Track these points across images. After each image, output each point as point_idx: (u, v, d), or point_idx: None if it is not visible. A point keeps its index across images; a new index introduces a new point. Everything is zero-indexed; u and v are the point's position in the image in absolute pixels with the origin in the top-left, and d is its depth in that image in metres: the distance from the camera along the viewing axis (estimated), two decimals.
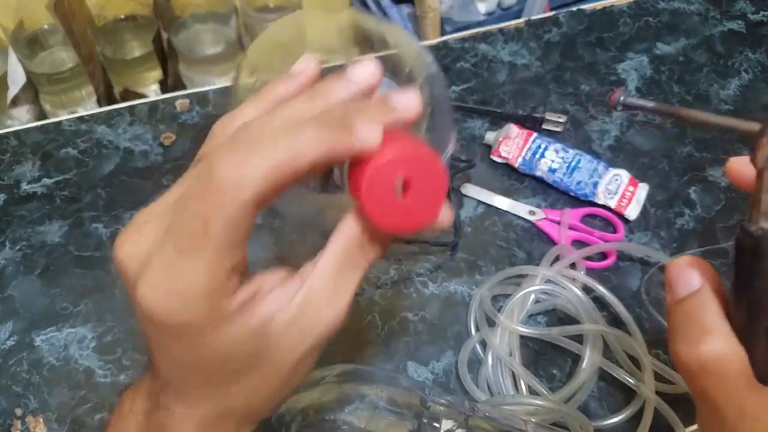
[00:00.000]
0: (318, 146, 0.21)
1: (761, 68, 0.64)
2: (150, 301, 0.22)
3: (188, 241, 0.21)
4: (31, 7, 0.62)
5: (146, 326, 0.23)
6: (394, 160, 0.22)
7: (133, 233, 0.23)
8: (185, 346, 0.23)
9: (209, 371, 0.24)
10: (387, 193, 0.23)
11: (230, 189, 0.20)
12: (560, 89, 0.62)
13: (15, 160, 0.57)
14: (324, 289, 0.24)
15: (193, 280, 0.21)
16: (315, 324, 0.24)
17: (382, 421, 0.36)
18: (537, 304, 0.47)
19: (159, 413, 0.25)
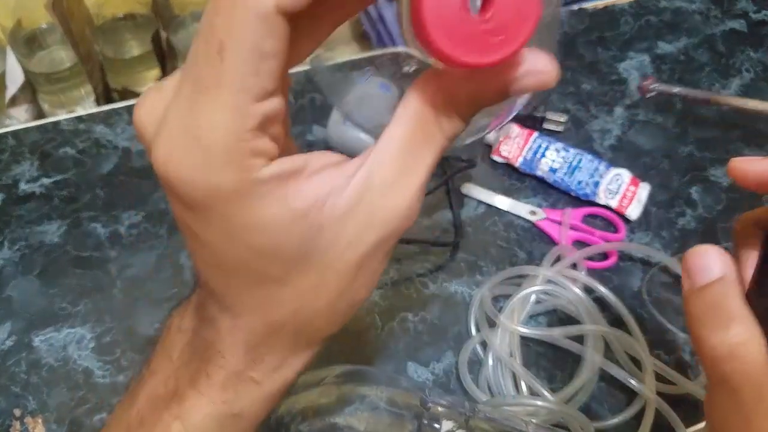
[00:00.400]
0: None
1: (762, 67, 0.64)
2: (167, 163, 0.18)
3: (205, 72, 0.17)
4: (30, 6, 0.61)
5: (173, 204, 0.19)
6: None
7: (153, 91, 0.19)
8: (215, 228, 0.18)
9: (247, 265, 0.19)
10: (458, 7, 0.17)
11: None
12: (561, 88, 0.62)
13: (13, 159, 0.57)
14: (390, 169, 0.19)
15: (214, 123, 0.17)
16: (379, 212, 0.19)
17: (382, 421, 0.36)
18: (538, 305, 0.47)
19: (204, 328, 0.22)
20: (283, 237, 0.19)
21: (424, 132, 0.19)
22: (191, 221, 0.19)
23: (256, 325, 0.21)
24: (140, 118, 0.19)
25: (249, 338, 0.21)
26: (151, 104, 0.19)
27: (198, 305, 0.23)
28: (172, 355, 0.23)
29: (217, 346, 0.21)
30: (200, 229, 0.19)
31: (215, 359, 0.21)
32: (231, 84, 0.16)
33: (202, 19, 0.17)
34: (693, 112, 0.61)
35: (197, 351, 0.22)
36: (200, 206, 0.18)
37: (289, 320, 0.21)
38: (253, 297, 0.20)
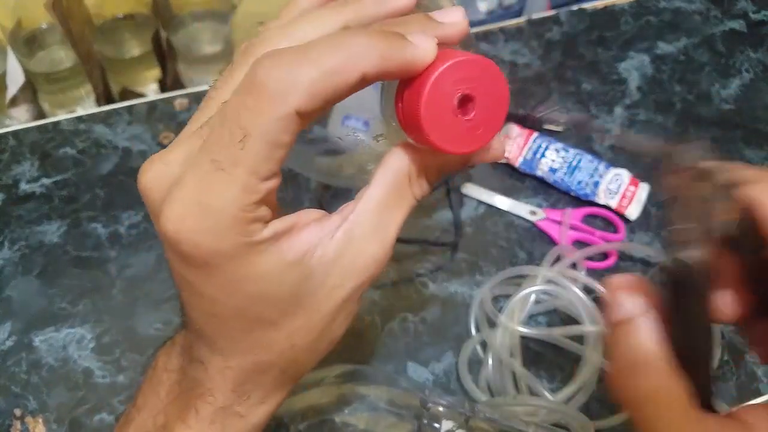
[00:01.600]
0: (371, 55, 0.19)
1: (762, 67, 0.64)
2: (177, 224, 0.20)
3: (225, 152, 0.19)
4: (30, 6, 0.61)
5: (174, 262, 0.21)
6: (455, 66, 0.20)
7: (159, 158, 0.22)
8: (216, 281, 0.21)
9: (244, 313, 0.22)
10: (447, 107, 0.20)
11: (276, 94, 0.19)
12: (561, 88, 0.62)
13: (13, 159, 0.57)
14: (368, 224, 0.22)
15: (226, 198, 0.19)
16: (358, 261, 0.22)
17: (382, 422, 0.36)
18: (538, 305, 0.47)
19: (192, 368, 0.24)
20: (277, 285, 0.21)
21: (399, 194, 0.23)
22: (193, 276, 0.21)
23: (245, 365, 0.23)
24: (146, 185, 0.22)
25: (238, 377, 0.23)
26: (157, 174, 0.21)
27: (185, 346, 0.25)
28: (160, 392, 0.25)
29: (206, 384, 0.23)
30: (201, 284, 0.21)
31: (204, 396, 0.23)
32: (246, 167, 0.19)
33: (229, 105, 0.20)
34: (693, 112, 0.61)
35: (186, 389, 0.24)
36: (204, 264, 0.21)
37: (276, 359, 0.23)
38: (246, 340, 0.22)
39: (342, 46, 0.19)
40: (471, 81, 0.21)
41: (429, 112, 0.20)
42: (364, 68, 0.19)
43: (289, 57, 0.19)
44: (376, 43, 0.20)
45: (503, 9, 1.11)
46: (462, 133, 0.21)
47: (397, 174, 0.23)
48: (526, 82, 0.63)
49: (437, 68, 0.20)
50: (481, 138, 0.22)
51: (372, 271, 0.23)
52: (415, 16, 0.22)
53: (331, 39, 0.20)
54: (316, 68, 0.19)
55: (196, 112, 0.23)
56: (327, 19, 0.22)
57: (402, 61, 0.20)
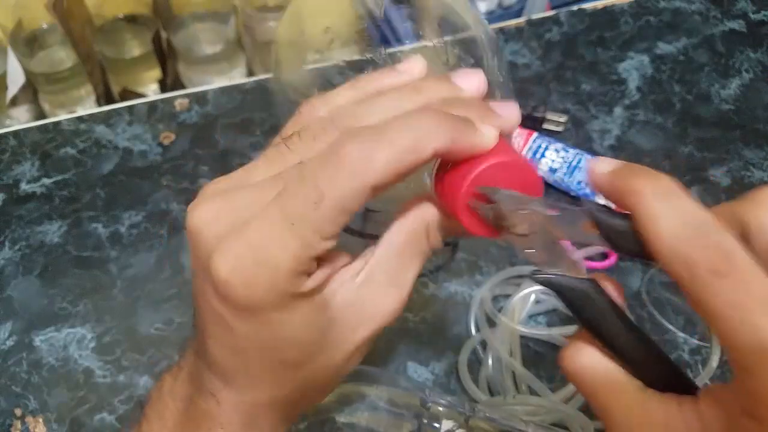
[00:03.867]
0: (442, 136, 0.21)
1: (762, 68, 0.64)
2: (232, 270, 0.21)
3: (298, 209, 0.20)
4: (30, 6, 0.62)
5: (213, 299, 0.22)
6: (501, 164, 0.22)
7: (218, 198, 0.22)
8: (254, 324, 0.22)
9: (271, 353, 0.22)
10: (482, 199, 0.23)
11: (356, 168, 0.20)
12: (561, 88, 0.62)
13: (14, 159, 0.57)
14: (387, 271, 0.24)
15: (288, 251, 0.20)
16: (376, 306, 0.24)
17: (381, 421, 0.36)
18: (537, 305, 0.47)
19: (202, 399, 0.24)
20: (307, 329, 0.22)
21: (416, 245, 0.24)
22: (231, 317, 0.22)
23: (260, 401, 0.24)
24: (198, 223, 0.22)
25: (250, 411, 0.24)
26: (213, 212, 0.22)
27: (194, 374, 0.25)
28: (167, 420, 0.25)
29: (216, 417, 0.24)
30: (237, 324, 0.22)
31: (214, 429, 0.24)
32: (314, 226, 0.21)
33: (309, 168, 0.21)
34: (693, 112, 0.61)
35: (193, 418, 0.24)
36: (248, 309, 0.21)
37: (291, 397, 0.24)
38: (266, 379, 0.23)
39: (416, 128, 0.21)
40: (510, 179, 0.23)
41: (466, 200, 0.22)
42: (435, 148, 0.21)
43: (369, 136, 0.21)
44: (448, 125, 0.21)
45: (503, 9, 1.12)
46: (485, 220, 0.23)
47: (417, 226, 0.24)
48: (525, 83, 0.63)
49: (486, 161, 0.22)
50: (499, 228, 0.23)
51: (388, 318, 0.24)
52: (478, 104, 0.24)
53: (407, 119, 0.21)
54: (392, 149, 0.21)
55: (262, 160, 0.23)
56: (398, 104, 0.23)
57: (468, 145, 0.22)
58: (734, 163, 0.57)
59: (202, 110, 0.60)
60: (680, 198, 0.20)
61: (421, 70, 0.25)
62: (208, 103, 0.61)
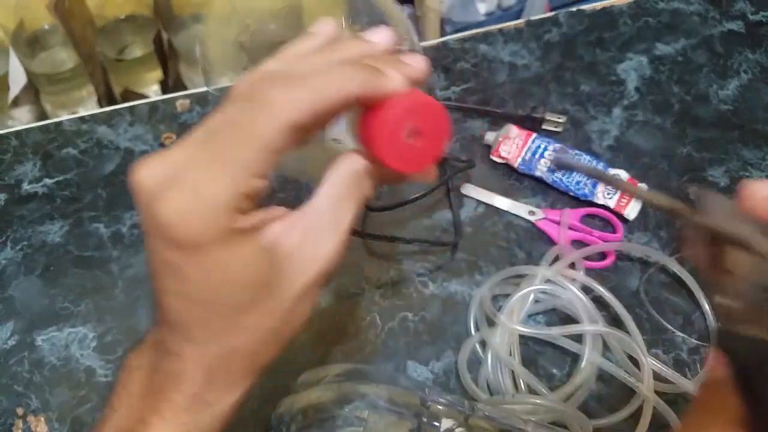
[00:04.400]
0: (357, 83, 0.24)
1: (760, 68, 0.65)
2: (173, 208, 0.22)
3: (226, 148, 0.23)
4: (32, 7, 0.62)
5: (160, 247, 0.23)
6: (410, 104, 0.25)
7: (156, 157, 0.24)
8: (201, 263, 0.23)
9: (220, 297, 0.24)
10: (399, 135, 0.25)
11: (278, 108, 0.23)
12: (560, 89, 0.62)
13: (16, 160, 0.57)
14: (324, 216, 0.26)
15: (220, 186, 0.22)
16: (316, 252, 0.25)
17: (381, 420, 0.36)
18: (537, 304, 0.47)
19: (166, 360, 0.25)
20: (251, 270, 0.24)
21: (348, 192, 0.26)
22: (179, 258, 0.23)
23: (218, 351, 0.25)
24: (142, 176, 0.24)
25: (210, 363, 0.25)
26: (155, 167, 0.24)
27: (156, 342, 0.26)
28: (132, 390, 0.26)
29: (180, 375, 0.25)
30: (184, 264, 0.23)
31: (176, 386, 0.25)
32: (242, 163, 0.23)
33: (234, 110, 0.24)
34: (691, 113, 0.61)
35: (158, 382, 0.25)
36: (190, 246, 0.23)
37: (246, 344, 0.25)
38: (220, 326, 0.24)
39: (333, 75, 0.24)
40: (421, 116, 0.26)
41: (384, 137, 0.25)
42: (350, 93, 0.24)
43: (289, 80, 0.23)
44: (360, 73, 0.24)
45: (502, 10, 1.12)
46: (408, 155, 0.26)
47: (348, 173, 0.26)
48: (524, 84, 0.63)
49: (398, 103, 0.25)
50: (423, 162, 0.27)
51: (329, 263, 0.26)
52: (387, 56, 0.27)
53: (324, 68, 0.24)
54: (310, 91, 0.23)
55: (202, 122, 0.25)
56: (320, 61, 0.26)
57: (378, 88, 0.25)
58: (733, 164, 0.57)
59: (203, 111, 0.60)
60: None
61: (332, 29, 0.28)
62: (209, 104, 0.61)
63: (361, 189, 0.27)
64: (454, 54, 0.66)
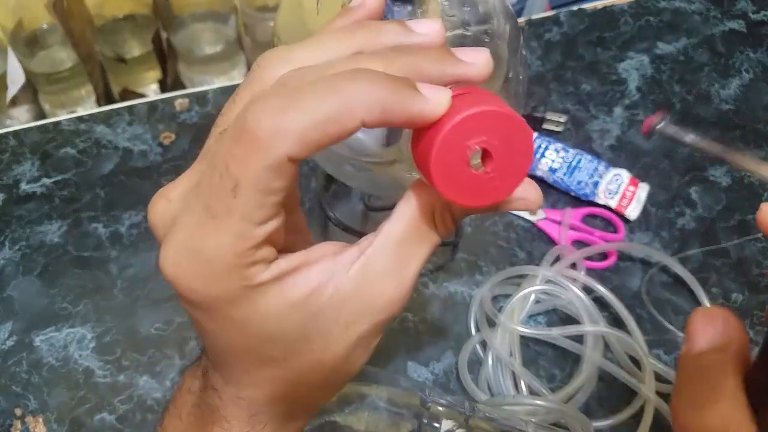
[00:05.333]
0: (371, 104, 0.18)
1: (762, 68, 0.64)
2: (171, 267, 0.20)
3: (217, 200, 0.19)
4: (30, 6, 0.62)
5: (180, 301, 0.21)
6: (470, 119, 0.18)
7: (162, 194, 0.21)
8: (219, 323, 0.21)
9: (253, 351, 0.21)
10: (460, 161, 0.19)
11: (263, 143, 0.18)
12: (561, 89, 0.62)
13: (14, 159, 0.57)
14: (386, 261, 0.21)
15: (219, 248, 0.19)
16: (373, 301, 0.21)
17: (381, 421, 0.36)
18: (537, 305, 0.47)
19: (208, 394, 0.24)
20: (283, 325, 0.21)
21: (421, 231, 0.22)
22: (197, 316, 0.21)
23: (258, 397, 0.23)
24: (152, 220, 0.21)
25: (251, 408, 0.23)
26: (161, 210, 0.21)
27: (204, 370, 0.25)
28: (181, 414, 0.25)
29: (221, 412, 0.23)
30: (206, 323, 0.21)
31: (220, 423, 0.23)
32: (239, 215, 0.19)
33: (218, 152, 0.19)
34: (692, 112, 0.61)
35: (203, 414, 0.24)
36: (204, 307, 0.20)
37: (288, 394, 0.23)
38: (257, 375, 0.22)
39: (338, 92, 0.18)
40: (488, 134, 0.19)
41: (440, 169, 0.19)
42: (362, 118, 0.18)
43: (279, 103, 0.18)
44: (379, 91, 0.18)
45: None
46: (476, 186, 0.19)
47: (421, 210, 0.21)
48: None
49: (451, 120, 0.18)
50: (502, 191, 0.20)
51: (389, 312, 0.22)
52: (435, 50, 0.21)
53: (326, 83, 0.18)
54: (307, 116, 0.18)
55: (205, 144, 0.22)
56: (335, 44, 0.20)
57: (408, 114, 0.18)
58: None
59: (202, 110, 0.60)
60: None
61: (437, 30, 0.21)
62: (209, 103, 0.61)
63: (436, 228, 0.22)
64: None
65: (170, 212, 0.21)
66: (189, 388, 0.25)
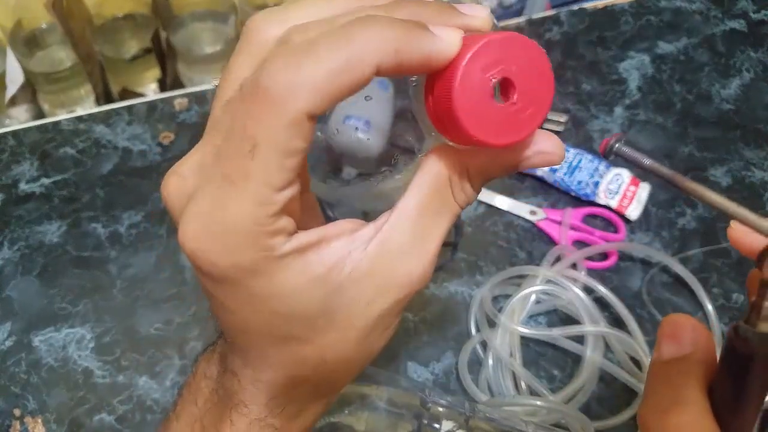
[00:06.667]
0: (385, 47, 0.17)
1: (762, 67, 0.64)
2: (191, 241, 0.19)
3: (235, 165, 0.18)
4: (30, 6, 0.61)
5: (198, 276, 0.21)
6: (485, 49, 0.18)
7: (175, 170, 0.21)
8: (240, 298, 0.20)
9: (272, 329, 0.21)
10: (484, 95, 0.18)
11: (280, 99, 0.17)
12: (561, 88, 0.62)
13: (13, 159, 0.57)
14: (406, 235, 0.20)
15: (239, 215, 0.18)
16: (395, 275, 0.21)
17: (381, 421, 0.36)
18: (538, 305, 0.47)
19: (227, 378, 0.23)
20: (304, 301, 0.20)
21: (440, 201, 0.21)
22: (217, 292, 0.20)
23: (278, 379, 0.22)
24: (167, 198, 0.21)
25: (270, 390, 0.22)
26: (175, 187, 0.21)
27: (222, 354, 0.24)
28: (197, 400, 0.24)
29: (240, 396, 0.23)
30: (225, 299, 0.20)
31: (238, 407, 0.23)
32: (258, 179, 0.18)
33: (232, 117, 0.19)
34: (693, 112, 0.61)
35: (221, 399, 0.23)
36: (225, 281, 0.20)
37: (310, 374, 0.22)
38: (277, 355, 0.21)
39: (351, 40, 0.17)
40: (506, 62, 0.18)
41: (464, 104, 0.18)
42: (378, 62, 0.17)
43: (293, 57, 0.17)
44: (391, 33, 0.18)
45: (503, 9, 1.11)
46: (505, 121, 0.19)
47: (437, 179, 0.21)
48: None
49: (466, 54, 0.18)
50: (529, 123, 0.19)
51: (411, 287, 0.21)
52: (435, 2, 0.20)
53: (338, 32, 0.18)
54: (322, 67, 0.17)
55: (210, 117, 0.21)
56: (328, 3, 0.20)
57: (422, 54, 0.18)
58: (735, 163, 0.57)
59: (201, 110, 0.60)
60: None
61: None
62: (208, 103, 0.60)
63: (455, 196, 0.21)
64: None
65: (184, 187, 0.20)
66: (204, 373, 0.25)
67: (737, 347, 0.20)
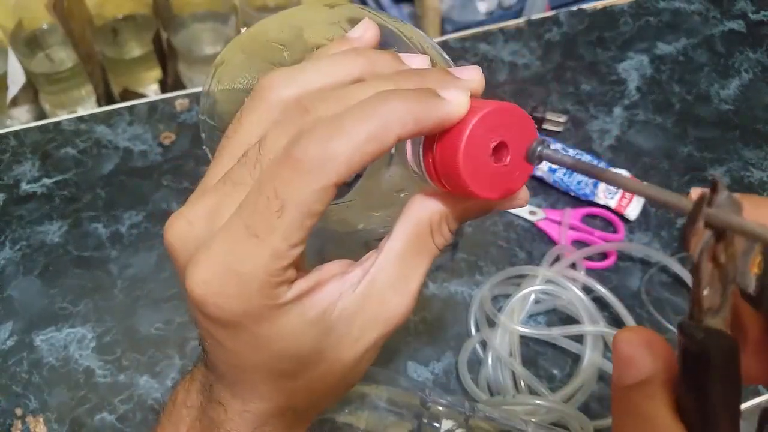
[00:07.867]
0: (405, 118, 0.19)
1: (761, 68, 0.64)
2: (203, 287, 0.20)
3: (261, 220, 0.20)
4: (31, 6, 0.62)
5: (198, 317, 0.22)
6: (489, 115, 0.20)
7: (182, 215, 0.22)
8: (241, 341, 0.21)
9: (268, 367, 0.22)
10: (484, 156, 0.21)
11: (314, 170, 0.19)
12: (561, 89, 0.62)
13: (14, 160, 0.57)
14: (390, 276, 0.23)
15: (256, 264, 0.20)
16: (380, 314, 0.23)
17: (381, 420, 0.36)
18: (537, 305, 0.47)
19: (212, 408, 0.24)
20: (299, 342, 0.22)
21: (420, 245, 0.23)
22: (217, 333, 0.22)
23: (265, 409, 0.23)
24: (170, 242, 0.22)
25: (257, 420, 0.24)
26: (181, 232, 0.22)
27: (205, 385, 0.25)
28: (180, 429, 0.25)
29: (227, 425, 0.24)
30: (226, 340, 0.22)
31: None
32: (280, 235, 0.20)
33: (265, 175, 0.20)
34: (692, 112, 0.61)
35: (206, 427, 0.24)
36: (229, 325, 0.21)
37: (295, 404, 0.24)
38: (267, 389, 0.23)
39: (376, 113, 0.19)
40: (503, 128, 0.21)
41: (467, 163, 0.20)
42: (398, 133, 0.20)
43: (323, 132, 0.19)
44: (410, 105, 0.20)
45: (503, 10, 1.12)
46: (497, 179, 0.21)
47: (419, 225, 0.23)
48: (525, 83, 0.63)
49: (471, 119, 0.20)
50: (517, 181, 0.22)
51: (395, 323, 0.23)
52: (434, 70, 0.22)
53: (364, 106, 0.20)
54: (351, 140, 0.19)
55: (213, 163, 0.22)
56: (338, 67, 0.22)
57: (436, 119, 0.20)
58: (734, 163, 0.57)
59: None
60: None
61: (373, 34, 0.24)
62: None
63: (434, 240, 0.23)
64: (454, 53, 0.65)
65: (192, 234, 0.22)
66: (185, 403, 0.26)
67: (689, 348, 0.20)
